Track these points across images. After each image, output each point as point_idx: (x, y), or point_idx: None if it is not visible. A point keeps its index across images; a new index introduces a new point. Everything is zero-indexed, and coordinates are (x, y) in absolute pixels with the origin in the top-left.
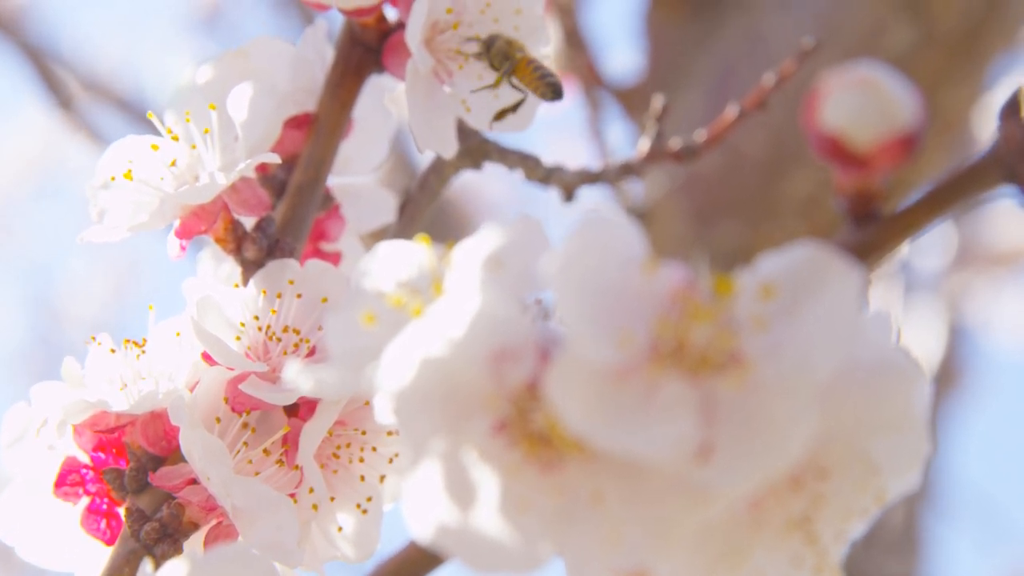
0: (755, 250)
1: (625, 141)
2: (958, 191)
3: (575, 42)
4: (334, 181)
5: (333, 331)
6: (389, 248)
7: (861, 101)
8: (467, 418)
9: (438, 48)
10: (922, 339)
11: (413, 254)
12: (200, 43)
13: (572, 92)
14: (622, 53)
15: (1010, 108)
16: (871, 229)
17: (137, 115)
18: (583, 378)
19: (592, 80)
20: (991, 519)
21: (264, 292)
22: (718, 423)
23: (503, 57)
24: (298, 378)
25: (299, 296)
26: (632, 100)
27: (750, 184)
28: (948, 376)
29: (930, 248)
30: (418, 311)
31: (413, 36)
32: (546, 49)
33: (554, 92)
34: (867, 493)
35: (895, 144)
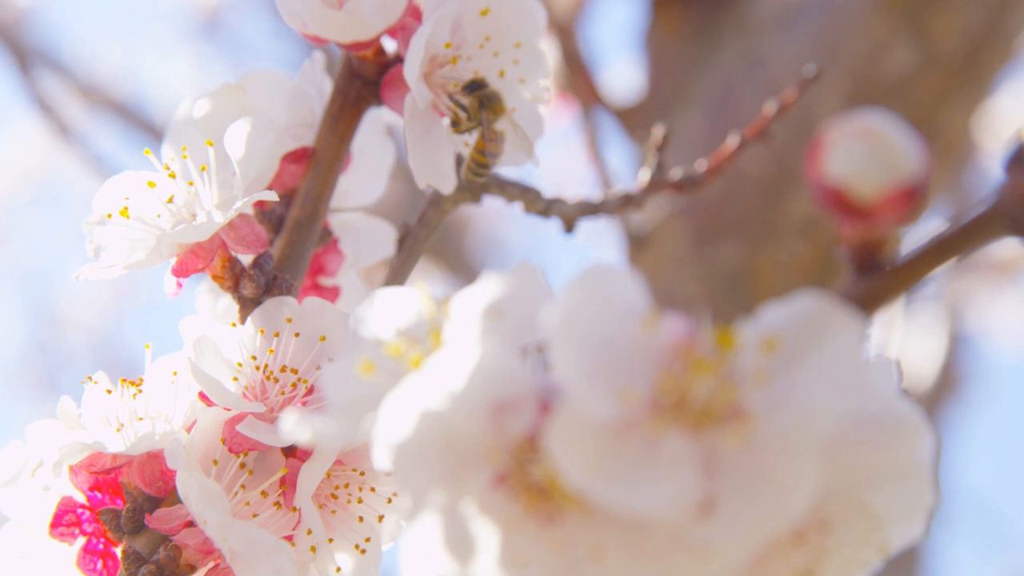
0: (756, 271)
1: (625, 161)
2: (962, 242)
3: (574, 63)
4: (333, 214)
5: (331, 379)
6: (387, 295)
7: (865, 152)
8: (466, 470)
9: (437, 82)
10: (923, 346)
11: (412, 302)
12: (199, 48)
13: (571, 114)
14: (622, 72)
15: (1015, 159)
16: (874, 280)
17: (135, 120)
18: (582, 433)
19: (592, 99)
20: (991, 526)
21: (262, 331)
22: (719, 478)
23: (474, 112)
24: (295, 428)
25: (297, 335)
26: (632, 119)
27: (751, 205)
28: (948, 383)
29: None
30: (417, 362)
31: (411, 71)
32: (545, 81)
33: (469, 183)
34: (870, 546)
35: (899, 195)
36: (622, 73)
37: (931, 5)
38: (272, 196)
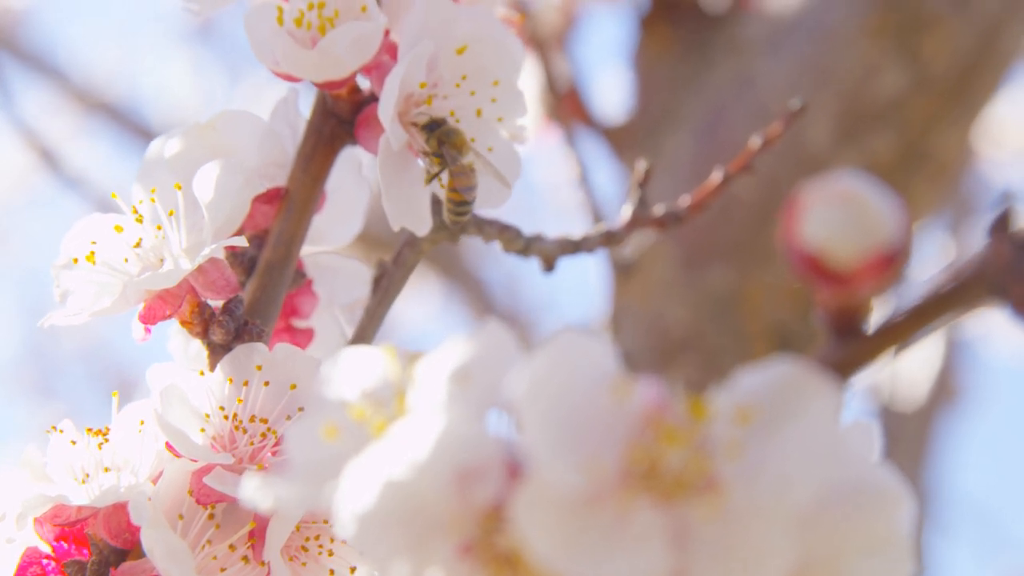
0: (746, 295)
1: (613, 183)
2: (945, 307)
3: (562, 82)
4: (307, 254)
5: (294, 440)
6: (353, 355)
7: (841, 217)
8: (431, 540)
9: (412, 121)
10: (920, 351)
11: (377, 363)
12: (195, 51)
13: (555, 140)
14: (611, 93)
15: (999, 224)
16: (853, 345)
17: (131, 125)
18: (550, 504)
19: (580, 119)
20: (989, 530)
21: (230, 380)
22: (691, 551)
23: (437, 150)
24: (256, 495)
25: (266, 383)
26: (621, 140)
27: (741, 229)
28: (946, 388)
29: (927, 260)
30: (381, 427)
31: (386, 112)
32: (524, 120)
33: (454, 224)
34: None
35: (877, 262)
36: (611, 93)
37: (922, 27)
38: (241, 242)
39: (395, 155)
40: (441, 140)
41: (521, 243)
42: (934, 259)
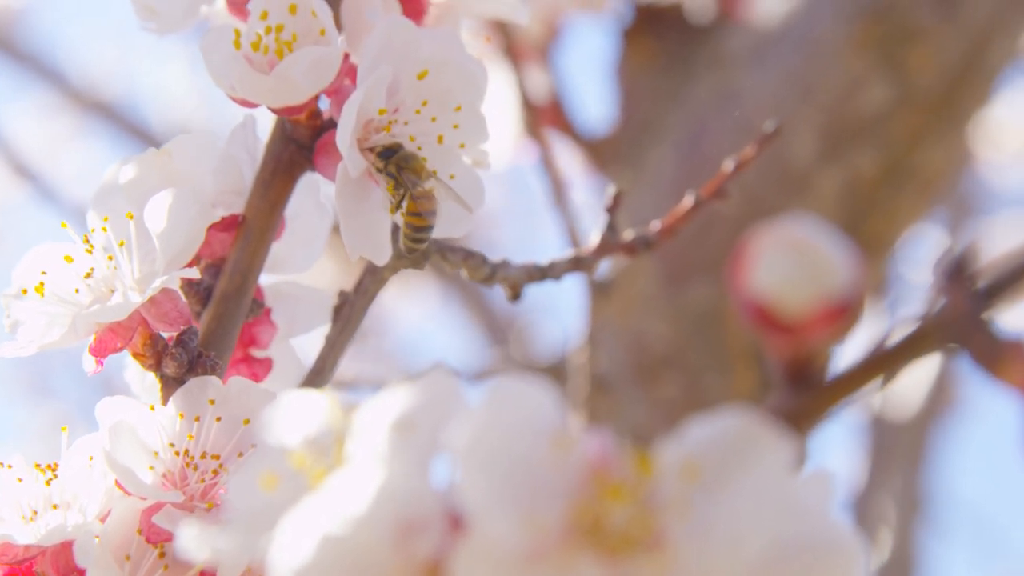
0: (727, 311)
1: (594, 196)
2: (902, 356)
3: (534, 102)
4: (267, 281)
5: (235, 487)
6: (294, 399)
7: (792, 266)
8: None
9: (371, 148)
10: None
11: (319, 408)
12: (193, 51)
13: (532, 159)
14: (594, 105)
15: (956, 273)
16: (807, 394)
17: (128, 125)
18: (491, 559)
19: (562, 132)
20: (985, 537)
21: (181, 415)
22: None
23: (395, 176)
24: (193, 544)
25: (219, 419)
26: (603, 153)
27: (722, 244)
28: (943, 393)
29: (926, 264)
30: (320, 477)
31: (343, 140)
32: (485, 145)
33: (410, 252)
34: None
35: (829, 312)
36: (594, 105)
37: (908, 41)
38: (193, 273)
39: (353, 183)
40: (399, 165)
41: (486, 270)
42: (932, 261)
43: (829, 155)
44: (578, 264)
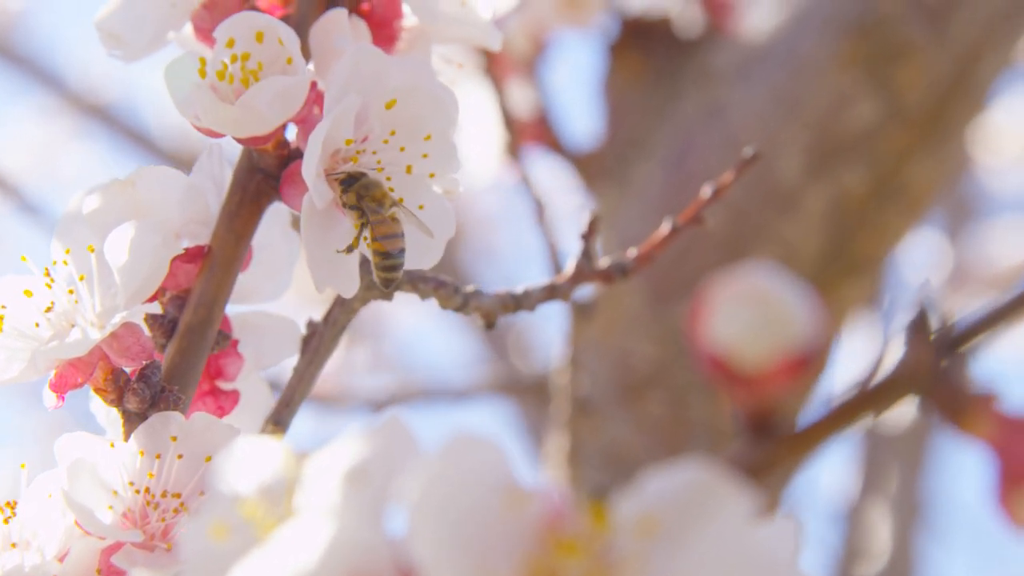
0: None
1: (580, 211)
2: (865, 408)
3: (515, 122)
4: (234, 311)
5: (187, 536)
6: (246, 446)
7: (750, 318)
8: None
9: (337, 178)
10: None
11: (272, 456)
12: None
13: (514, 181)
14: (580, 120)
15: (919, 325)
16: (769, 446)
17: (126, 129)
18: None
19: (549, 147)
20: (984, 542)
21: (142, 452)
22: None
23: (355, 205)
24: None
25: (180, 457)
26: (589, 168)
27: (709, 263)
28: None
29: (925, 267)
30: (270, 527)
31: (308, 170)
32: (456, 175)
33: (385, 284)
34: None
35: (787, 365)
36: (580, 121)
37: (896, 57)
38: (155, 309)
39: (320, 214)
40: (360, 193)
41: (458, 300)
42: (930, 264)
43: (816, 172)
44: (553, 292)
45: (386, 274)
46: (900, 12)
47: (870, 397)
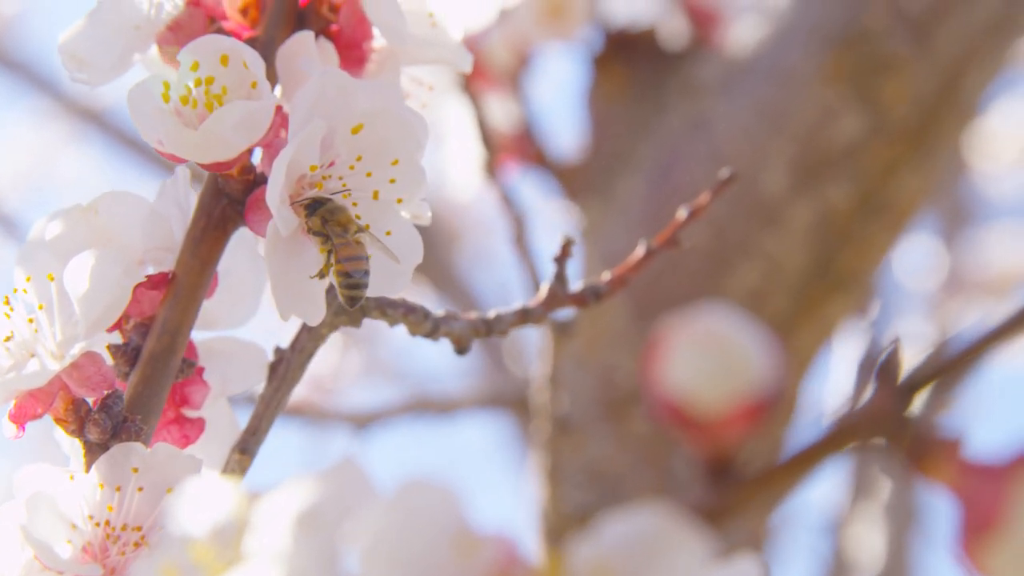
0: None
1: (563, 225)
2: (826, 453)
3: (491, 140)
4: (200, 337)
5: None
6: (199, 486)
7: (706, 363)
8: None
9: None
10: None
11: (223, 497)
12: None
13: (494, 202)
14: (564, 133)
15: (885, 371)
16: (728, 490)
17: (121, 133)
18: None
19: (532, 160)
20: None
21: (102, 485)
22: None
23: (320, 231)
24: None
25: (140, 489)
26: (573, 181)
27: (693, 278)
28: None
29: (920, 272)
30: (220, 572)
31: (273, 197)
32: (425, 200)
33: (350, 305)
34: None
35: (744, 411)
36: (564, 134)
37: (881, 70)
38: (116, 339)
39: (284, 241)
40: (324, 218)
41: (429, 325)
42: (927, 269)
43: (801, 187)
44: (526, 317)
45: (350, 292)
46: (885, 26)
47: (831, 441)
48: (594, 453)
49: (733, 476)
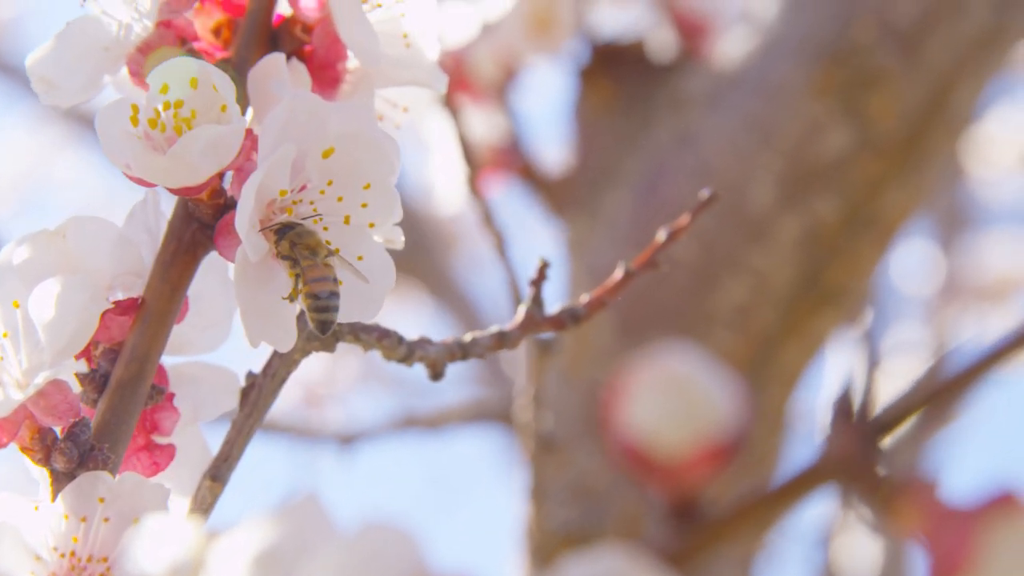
0: None
1: (550, 240)
2: (790, 495)
3: (474, 155)
4: (171, 362)
5: None
6: (155, 525)
7: (668, 406)
8: None
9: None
10: (909, 369)
11: (180, 537)
12: None
13: (476, 220)
14: (550, 147)
15: (842, 411)
16: (691, 533)
17: None
18: None
19: (518, 174)
20: None
21: (67, 516)
22: None
23: (289, 255)
24: None
25: (106, 520)
26: (559, 195)
27: (679, 293)
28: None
29: (917, 278)
30: None
31: (241, 223)
32: (396, 222)
33: (320, 329)
34: None
35: (706, 455)
36: (551, 148)
37: (869, 85)
38: (82, 367)
39: (254, 267)
40: (293, 241)
41: (403, 350)
42: (924, 274)
43: (789, 201)
44: (502, 341)
45: (319, 316)
46: (873, 40)
47: (794, 486)
48: (579, 470)
49: (698, 518)
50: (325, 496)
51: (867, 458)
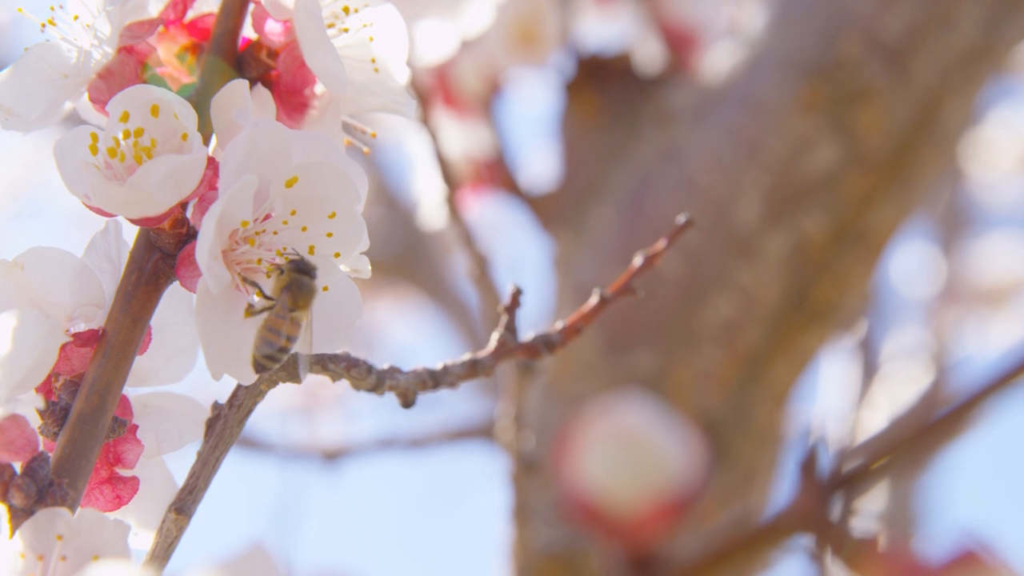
0: (670, 379)
1: (537, 254)
2: (753, 547)
3: (454, 176)
4: (135, 393)
5: None
6: (106, 571)
7: (620, 461)
8: None
9: (239, 259)
10: (909, 373)
11: None
12: None
13: (457, 244)
14: (536, 161)
15: (807, 466)
16: None
17: None
18: None
19: (504, 189)
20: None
21: (23, 555)
22: None
23: (276, 290)
24: None
25: (63, 559)
26: (545, 210)
27: (665, 309)
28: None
29: (917, 281)
30: None
31: (202, 255)
32: (362, 251)
33: (256, 369)
34: None
35: (660, 511)
36: (536, 162)
37: (857, 101)
38: (38, 403)
39: (216, 299)
40: (290, 286)
41: (372, 380)
42: (924, 277)
43: (776, 217)
44: (474, 369)
45: (260, 359)
46: (860, 55)
47: (757, 538)
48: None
49: (654, 573)
50: (276, 543)
51: (830, 512)
